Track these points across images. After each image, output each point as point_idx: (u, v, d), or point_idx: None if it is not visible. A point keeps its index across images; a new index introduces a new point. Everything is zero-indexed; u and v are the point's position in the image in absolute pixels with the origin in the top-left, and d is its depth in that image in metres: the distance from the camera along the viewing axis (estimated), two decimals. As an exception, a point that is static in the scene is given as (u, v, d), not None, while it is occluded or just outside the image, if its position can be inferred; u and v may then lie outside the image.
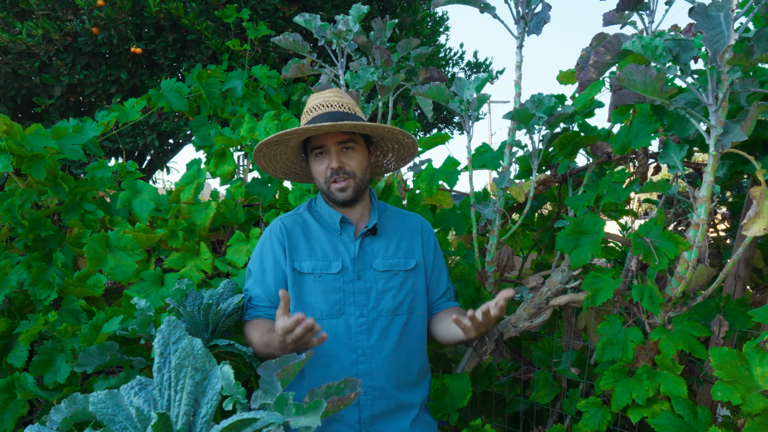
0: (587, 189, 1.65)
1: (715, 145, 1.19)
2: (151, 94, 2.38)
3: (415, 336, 1.52)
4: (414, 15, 4.08)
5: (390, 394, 1.45)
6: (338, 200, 1.47)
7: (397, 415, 1.47)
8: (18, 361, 1.46)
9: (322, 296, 1.44)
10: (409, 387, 1.50)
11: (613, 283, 1.42)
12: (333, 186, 1.46)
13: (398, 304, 1.48)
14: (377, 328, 1.45)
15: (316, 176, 1.49)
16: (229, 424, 0.74)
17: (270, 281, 1.47)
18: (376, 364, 1.43)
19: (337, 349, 1.42)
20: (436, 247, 1.62)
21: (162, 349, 0.84)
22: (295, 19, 2.02)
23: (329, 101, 1.50)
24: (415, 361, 1.51)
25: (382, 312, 1.46)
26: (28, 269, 1.59)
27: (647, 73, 1.12)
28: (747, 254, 1.66)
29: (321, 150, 1.47)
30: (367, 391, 1.42)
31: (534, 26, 1.52)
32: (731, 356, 1.21)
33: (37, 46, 2.99)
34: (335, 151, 1.45)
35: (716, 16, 1.06)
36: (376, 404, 1.43)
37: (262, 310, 1.47)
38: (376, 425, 1.44)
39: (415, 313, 1.52)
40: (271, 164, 1.60)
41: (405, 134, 1.51)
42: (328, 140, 1.45)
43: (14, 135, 1.70)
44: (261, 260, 1.50)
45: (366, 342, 1.43)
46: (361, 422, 1.42)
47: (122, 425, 0.79)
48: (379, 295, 1.47)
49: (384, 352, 1.44)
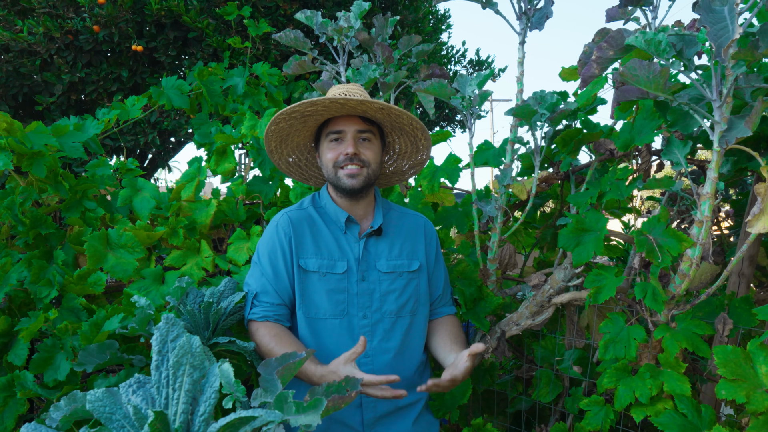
0: (590, 186, 1.64)
1: (719, 141, 1.18)
2: (152, 91, 2.38)
3: (417, 337, 1.52)
4: (416, 12, 4.07)
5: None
6: (346, 187, 1.43)
7: (399, 416, 1.46)
8: (18, 359, 1.46)
9: (326, 296, 1.42)
10: (411, 387, 1.49)
11: (615, 281, 1.41)
12: (342, 172, 1.42)
13: (401, 306, 1.47)
14: (380, 330, 1.44)
15: (325, 162, 1.46)
16: (227, 423, 0.73)
17: (281, 275, 1.43)
18: (379, 365, 1.42)
19: (340, 350, 1.40)
20: (437, 249, 1.62)
21: (160, 346, 0.83)
22: (296, 16, 2.01)
23: (351, 91, 1.46)
24: (416, 361, 1.51)
25: (385, 314, 1.45)
26: (28, 267, 1.59)
27: (650, 68, 1.11)
28: (751, 252, 1.65)
29: (338, 135, 1.44)
30: None
31: (536, 22, 1.51)
32: (735, 354, 1.20)
33: (39, 44, 2.99)
34: (353, 138, 1.43)
35: (720, 10, 1.05)
36: (379, 406, 1.43)
37: (270, 308, 1.43)
38: (379, 427, 1.43)
39: (418, 315, 1.51)
40: (279, 147, 1.55)
41: (424, 132, 1.50)
42: (348, 125, 1.43)
43: (15, 133, 1.69)
44: (269, 254, 1.45)
45: (369, 344, 1.42)
46: (363, 424, 1.41)
47: (119, 423, 0.78)
48: (383, 296, 1.46)
49: (387, 354, 1.43)
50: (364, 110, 1.41)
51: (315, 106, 1.38)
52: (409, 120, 1.46)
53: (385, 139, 1.55)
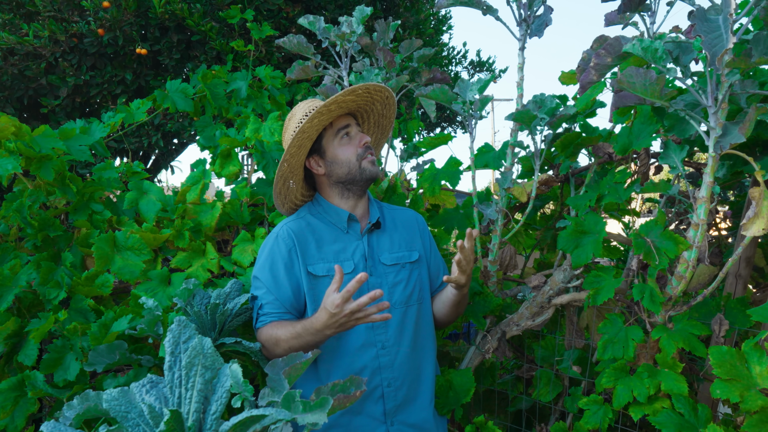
0: (589, 189, 1.66)
1: (714, 146, 1.21)
2: (156, 94, 2.40)
3: (427, 324, 1.58)
4: (417, 15, 4.09)
5: (411, 383, 1.50)
6: (371, 175, 1.51)
7: (418, 404, 1.52)
8: (28, 360, 1.49)
9: None
10: (426, 376, 1.55)
11: (614, 283, 1.44)
12: (365, 162, 1.50)
13: (408, 295, 1.52)
14: (393, 320, 1.48)
15: (347, 157, 1.49)
16: (238, 421, 0.76)
17: (283, 287, 1.44)
18: (396, 355, 1.47)
19: (358, 345, 1.45)
20: (430, 239, 1.68)
21: (173, 348, 0.86)
22: (299, 21, 2.04)
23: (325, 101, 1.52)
24: (430, 350, 1.57)
25: (396, 304, 1.49)
26: (37, 269, 1.62)
27: (647, 75, 1.14)
28: (747, 253, 1.67)
29: (347, 130, 1.51)
30: (390, 382, 1.46)
31: (536, 29, 1.54)
32: (730, 355, 1.22)
33: (44, 48, 3.02)
34: (357, 131, 1.53)
35: (715, 19, 1.07)
36: (399, 394, 1.47)
37: (277, 317, 1.45)
38: (400, 415, 1.48)
39: (424, 302, 1.57)
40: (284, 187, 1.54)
41: (390, 92, 1.57)
42: (349, 120, 1.53)
43: (23, 136, 1.72)
44: (271, 267, 1.46)
45: (384, 335, 1.46)
46: (386, 414, 1.45)
47: (134, 422, 0.81)
48: (391, 288, 1.50)
49: (402, 343, 1.48)
50: (353, 100, 1.50)
51: (352, 94, 1.46)
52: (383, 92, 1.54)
53: None
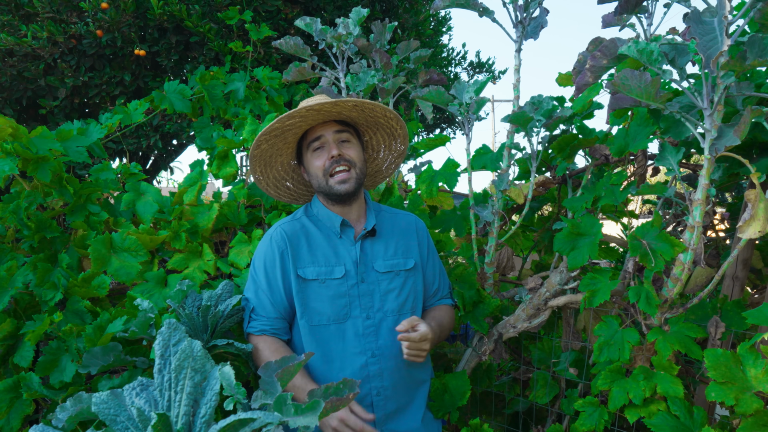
0: (585, 191, 1.66)
1: (709, 148, 1.20)
2: (154, 95, 2.41)
3: None
4: (416, 16, 4.09)
5: (401, 392, 1.48)
6: (340, 193, 1.46)
7: (408, 412, 1.51)
8: (24, 361, 1.49)
9: (329, 301, 1.45)
10: (418, 384, 1.54)
11: (610, 285, 1.44)
12: (332, 180, 1.45)
13: (401, 303, 1.50)
14: (384, 329, 1.47)
15: (315, 172, 1.48)
16: (227, 424, 0.76)
17: (276, 289, 1.46)
18: (386, 364, 1.46)
19: (347, 353, 1.44)
20: (429, 246, 1.65)
21: (162, 350, 0.86)
22: (296, 23, 2.04)
23: (321, 101, 1.51)
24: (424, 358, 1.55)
25: (388, 312, 1.48)
26: (33, 270, 1.62)
27: (642, 78, 1.14)
28: (744, 255, 1.67)
29: (319, 142, 1.47)
30: (379, 391, 1.45)
31: (532, 31, 1.53)
32: (725, 357, 1.22)
33: (42, 49, 3.02)
34: (333, 141, 1.47)
35: (710, 21, 1.07)
36: (389, 404, 1.46)
37: (267, 322, 1.46)
38: (389, 424, 1.47)
39: (417, 311, 1.55)
40: (264, 171, 1.58)
41: (398, 121, 1.54)
42: (326, 129, 1.47)
43: (20, 138, 1.72)
44: (265, 268, 1.48)
45: (374, 343, 1.45)
46: (375, 423, 1.44)
47: (124, 425, 0.81)
48: (383, 296, 1.49)
49: (393, 351, 1.46)
50: (339, 111, 1.45)
51: (292, 119, 1.41)
52: (383, 112, 1.50)
53: (362, 139, 1.59)
